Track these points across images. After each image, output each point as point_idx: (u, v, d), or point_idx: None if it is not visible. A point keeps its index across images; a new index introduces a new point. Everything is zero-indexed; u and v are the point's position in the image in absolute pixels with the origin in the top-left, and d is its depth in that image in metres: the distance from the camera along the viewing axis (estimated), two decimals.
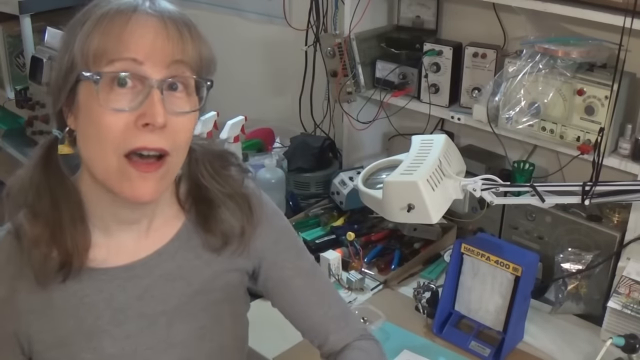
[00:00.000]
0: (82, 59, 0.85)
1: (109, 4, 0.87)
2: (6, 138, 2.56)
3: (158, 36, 0.85)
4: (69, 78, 0.87)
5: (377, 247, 1.84)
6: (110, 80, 0.85)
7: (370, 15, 1.93)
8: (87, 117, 0.87)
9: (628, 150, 1.53)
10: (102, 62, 0.84)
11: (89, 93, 0.86)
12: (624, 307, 1.42)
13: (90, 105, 0.86)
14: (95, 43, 0.84)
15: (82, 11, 0.89)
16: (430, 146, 1.33)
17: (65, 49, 0.88)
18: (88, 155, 0.90)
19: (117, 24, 0.84)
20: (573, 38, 1.57)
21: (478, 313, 1.50)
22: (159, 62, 0.85)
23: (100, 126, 0.85)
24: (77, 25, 0.87)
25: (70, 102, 0.89)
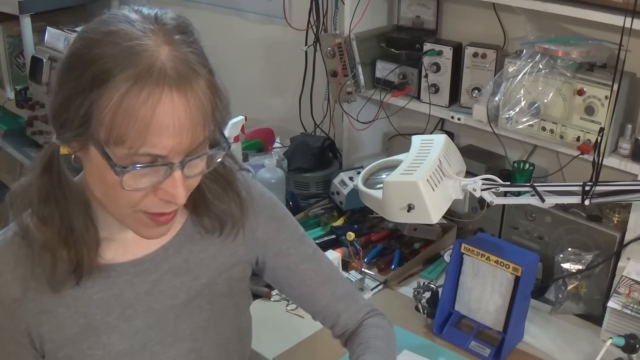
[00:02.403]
0: (102, 131, 0.81)
1: (147, 58, 0.80)
2: (6, 138, 2.56)
3: (182, 130, 0.81)
4: (79, 125, 0.82)
5: (377, 247, 1.84)
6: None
7: (370, 15, 1.93)
8: (100, 177, 0.85)
9: (628, 150, 1.53)
10: (124, 147, 0.81)
11: (99, 160, 0.83)
12: (624, 307, 1.42)
13: (106, 173, 0.83)
14: (119, 128, 0.80)
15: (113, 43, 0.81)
16: (430, 146, 1.33)
17: (81, 85, 0.81)
18: (99, 196, 0.89)
19: (142, 114, 0.79)
20: (573, 38, 1.57)
21: (478, 313, 1.50)
22: (182, 151, 0.84)
23: (116, 193, 0.85)
24: (103, 71, 0.80)
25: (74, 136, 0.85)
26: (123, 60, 0.79)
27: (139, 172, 0.82)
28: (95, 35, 0.82)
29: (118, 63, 0.79)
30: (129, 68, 0.79)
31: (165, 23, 0.84)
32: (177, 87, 0.80)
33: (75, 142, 0.86)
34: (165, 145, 0.81)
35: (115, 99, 0.79)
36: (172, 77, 0.80)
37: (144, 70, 0.79)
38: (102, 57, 0.80)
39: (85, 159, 0.87)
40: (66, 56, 0.85)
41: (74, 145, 0.86)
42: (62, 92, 0.84)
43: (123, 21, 0.83)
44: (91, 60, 0.80)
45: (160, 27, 0.83)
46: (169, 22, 0.84)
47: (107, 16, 0.85)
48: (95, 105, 0.80)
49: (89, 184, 0.90)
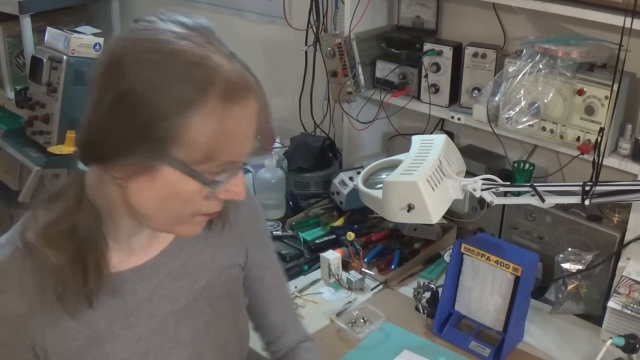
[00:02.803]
0: (189, 150, 0.80)
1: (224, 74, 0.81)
2: (6, 138, 2.55)
3: (254, 134, 0.87)
4: (153, 150, 0.80)
5: (377, 247, 1.84)
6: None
7: (370, 15, 1.93)
8: (167, 194, 0.85)
9: (628, 150, 1.53)
10: (215, 161, 0.83)
11: (176, 178, 0.83)
12: (624, 307, 1.41)
13: (180, 189, 0.84)
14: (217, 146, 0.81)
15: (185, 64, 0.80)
16: (430, 146, 1.33)
17: (160, 113, 0.79)
18: (149, 212, 0.87)
19: (241, 127, 0.83)
20: (573, 38, 1.57)
21: (478, 313, 1.50)
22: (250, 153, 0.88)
23: (185, 205, 0.87)
24: (186, 96, 0.79)
25: (135, 163, 0.82)
26: (203, 81, 0.80)
27: (224, 183, 0.86)
28: (155, 55, 0.80)
29: (201, 85, 0.79)
30: (213, 87, 0.80)
31: (209, 34, 0.86)
32: (256, 96, 0.85)
33: (133, 168, 0.83)
34: (247, 151, 0.86)
35: (214, 120, 0.80)
36: (252, 87, 0.85)
37: (229, 86, 0.81)
38: (180, 80, 0.79)
39: (135, 181, 0.84)
40: (126, 83, 0.79)
41: (130, 171, 0.83)
42: (125, 122, 0.80)
43: (174, 38, 0.82)
44: (167, 86, 0.79)
45: (209, 39, 0.85)
46: (212, 34, 0.86)
47: (151, 32, 0.83)
48: (183, 129, 0.79)
49: (135, 203, 0.86)
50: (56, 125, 2.36)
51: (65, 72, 2.31)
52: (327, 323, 1.53)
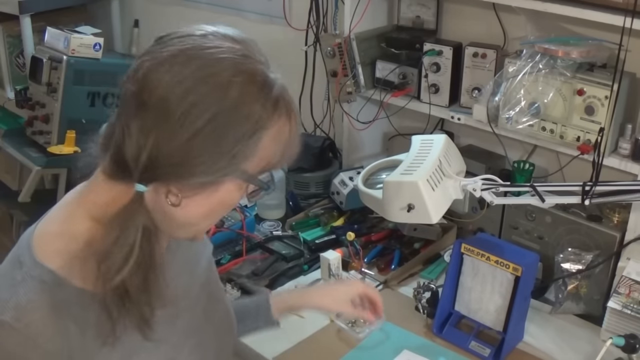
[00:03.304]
0: (254, 162, 0.85)
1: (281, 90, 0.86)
2: (6, 138, 2.56)
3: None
4: (226, 166, 0.83)
5: (377, 247, 1.84)
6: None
7: (370, 15, 1.93)
8: (218, 202, 0.87)
9: (628, 150, 1.53)
10: (265, 169, 0.88)
11: (235, 187, 0.87)
12: (624, 307, 1.41)
13: (233, 196, 0.88)
14: (281, 156, 0.88)
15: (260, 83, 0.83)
16: (430, 146, 1.33)
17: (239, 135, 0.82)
18: (191, 222, 0.89)
19: (296, 138, 0.89)
20: (573, 38, 1.57)
21: (478, 313, 1.50)
22: None
23: (226, 210, 0.91)
24: (261, 117, 0.83)
25: (199, 181, 0.83)
26: (273, 100, 0.84)
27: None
28: (226, 79, 0.81)
29: (272, 104, 0.84)
30: (279, 105, 0.85)
31: (254, 47, 0.88)
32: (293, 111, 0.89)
33: (203, 184, 0.84)
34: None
35: (284, 135, 0.86)
36: (292, 98, 0.89)
37: (287, 103, 0.86)
38: (258, 99, 0.83)
39: (197, 195, 0.85)
40: (209, 112, 0.80)
41: (196, 186, 0.84)
42: (202, 143, 0.81)
43: (232, 53, 0.84)
44: (242, 106, 0.82)
45: (257, 53, 0.88)
46: (256, 46, 0.89)
47: (205, 49, 0.83)
48: (258, 146, 0.83)
49: (180, 216, 0.86)
50: (56, 125, 2.36)
51: (65, 72, 2.32)
52: (327, 323, 1.53)
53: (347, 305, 1.37)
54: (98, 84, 2.42)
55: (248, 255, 1.81)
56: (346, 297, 1.38)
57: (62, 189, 2.46)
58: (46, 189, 2.95)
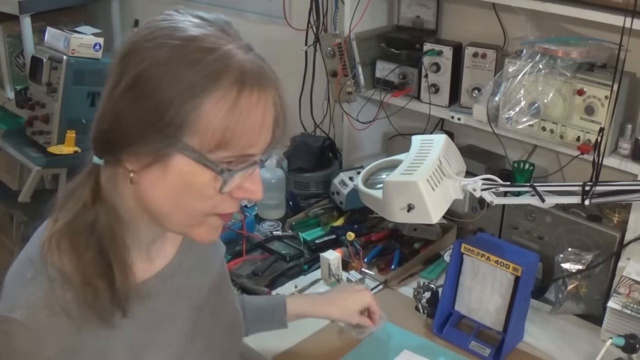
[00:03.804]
0: (202, 137, 0.79)
1: (240, 62, 0.80)
2: (6, 138, 2.56)
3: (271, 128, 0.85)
4: (165, 137, 0.79)
5: (377, 247, 1.84)
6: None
7: (370, 15, 1.93)
8: (179, 185, 0.82)
9: (628, 150, 1.53)
10: (228, 150, 0.81)
11: (189, 168, 0.81)
12: (624, 307, 1.41)
13: (193, 180, 0.82)
14: (230, 132, 0.79)
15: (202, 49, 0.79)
16: (430, 146, 1.33)
17: (173, 97, 0.78)
18: (164, 209, 0.85)
19: (255, 114, 0.81)
20: (573, 38, 1.57)
21: (478, 313, 1.50)
22: (264, 148, 0.86)
23: (199, 200, 0.84)
24: (199, 80, 0.78)
25: (147, 151, 0.81)
26: (218, 65, 0.79)
27: (238, 174, 0.83)
28: (173, 40, 0.79)
29: (216, 69, 0.78)
30: (228, 73, 0.79)
31: (226, 26, 0.85)
32: (274, 86, 0.84)
33: (146, 157, 0.81)
34: (262, 144, 0.84)
35: (226, 104, 0.78)
36: (268, 78, 0.83)
37: (245, 73, 0.80)
38: (195, 64, 0.78)
39: (148, 172, 0.82)
40: (143, 66, 0.79)
41: (143, 161, 0.81)
42: (137, 107, 0.79)
43: (191, 26, 0.81)
44: (183, 68, 0.78)
45: (226, 31, 0.84)
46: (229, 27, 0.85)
47: (169, 22, 0.82)
48: (195, 114, 0.78)
49: (148, 199, 0.84)
50: (56, 125, 2.36)
51: (65, 72, 2.31)
52: (327, 323, 1.53)
53: (356, 316, 1.38)
54: (98, 84, 2.40)
55: (248, 255, 1.81)
56: (356, 308, 1.40)
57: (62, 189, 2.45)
58: (46, 189, 2.95)
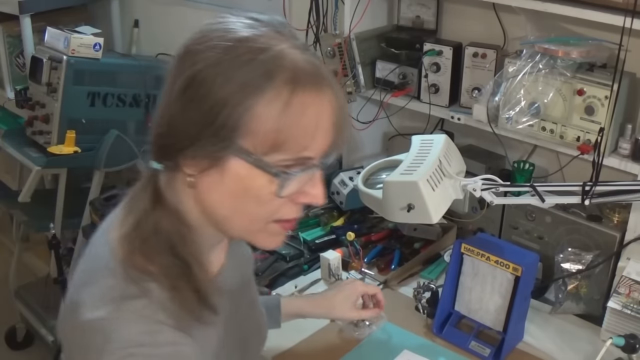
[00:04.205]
0: (255, 140, 0.77)
1: (293, 62, 0.79)
2: (6, 138, 2.56)
3: (332, 130, 0.83)
4: (220, 140, 0.78)
5: (377, 247, 1.84)
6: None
7: (370, 15, 1.93)
8: (237, 189, 0.81)
9: (628, 150, 1.53)
10: (283, 153, 0.79)
11: (246, 171, 0.79)
12: (624, 307, 1.42)
13: (250, 183, 0.80)
14: (284, 134, 0.77)
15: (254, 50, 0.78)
16: (430, 146, 1.33)
17: (225, 98, 0.77)
18: (224, 213, 0.84)
19: (309, 114, 0.78)
20: (573, 38, 1.57)
21: (478, 313, 1.50)
22: (324, 152, 0.84)
23: (258, 204, 0.82)
24: (252, 80, 0.77)
25: (203, 154, 0.80)
26: (270, 65, 0.77)
27: (295, 178, 0.80)
28: (225, 42, 0.79)
29: (268, 69, 0.77)
30: (281, 72, 0.77)
31: (280, 27, 0.84)
32: (329, 87, 0.81)
33: (203, 161, 0.80)
34: (320, 147, 0.81)
35: (279, 105, 0.77)
36: (324, 78, 0.81)
37: (298, 72, 0.78)
38: (247, 64, 0.77)
39: (206, 177, 0.81)
40: (195, 69, 0.79)
41: (200, 165, 0.80)
42: (191, 109, 0.78)
43: (244, 27, 0.81)
44: (234, 69, 0.77)
45: (280, 31, 0.83)
46: (284, 27, 0.84)
47: (222, 24, 0.82)
48: (248, 115, 0.76)
49: (208, 203, 0.84)
50: (56, 125, 2.36)
51: (65, 72, 2.32)
52: (327, 323, 1.53)
53: (352, 310, 1.39)
54: (98, 84, 2.43)
55: None
56: (348, 303, 1.40)
57: (62, 189, 2.46)
58: (46, 189, 2.95)
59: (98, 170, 2.43)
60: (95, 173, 2.45)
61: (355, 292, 1.42)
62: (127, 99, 2.55)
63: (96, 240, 0.91)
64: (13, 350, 2.90)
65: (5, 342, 2.90)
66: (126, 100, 2.55)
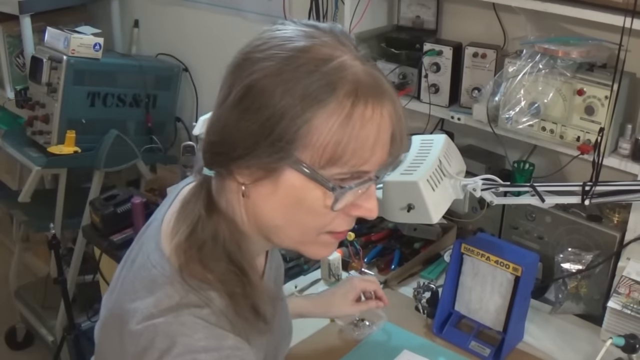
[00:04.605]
0: (313, 152, 0.77)
1: (355, 74, 0.78)
2: (6, 138, 2.56)
3: (388, 143, 0.81)
4: (276, 151, 0.77)
5: (377, 247, 1.84)
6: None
7: (370, 15, 1.93)
8: (291, 201, 0.80)
9: (628, 150, 1.53)
10: (339, 166, 0.78)
11: (300, 183, 0.79)
12: (624, 307, 1.42)
13: (304, 196, 0.79)
14: (342, 147, 0.76)
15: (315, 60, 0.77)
16: (430, 146, 1.33)
17: (284, 109, 0.75)
18: (275, 224, 0.84)
19: (369, 129, 0.77)
20: (573, 38, 1.57)
21: (478, 313, 1.50)
22: (380, 165, 0.82)
23: (311, 216, 0.82)
24: (313, 91, 0.75)
25: (258, 164, 0.79)
26: (332, 77, 0.76)
27: (351, 192, 0.80)
28: (285, 52, 0.78)
29: (329, 81, 0.76)
30: (342, 85, 0.76)
31: (342, 36, 0.82)
32: (391, 100, 0.80)
33: (257, 170, 0.79)
34: (378, 160, 0.80)
35: (339, 118, 0.76)
36: (385, 91, 0.80)
37: (359, 85, 0.77)
38: (308, 75, 0.76)
39: (260, 186, 0.81)
40: (253, 78, 0.78)
41: (254, 174, 0.80)
42: (248, 119, 0.77)
43: (305, 36, 0.79)
44: (294, 80, 0.76)
45: (341, 41, 0.81)
46: (346, 37, 0.82)
47: (281, 32, 0.81)
48: (307, 127, 0.75)
49: (261, 213, 0.83)
50: (56, 125, 2.36)
51: (65, 72, 2.32)
52: (327, 323, 1.53)
53: (352, 306, 1.38)
54: (98, 84, 2.43)
55: None
56: (347, 300, 1.39)
57: (62, 189, 2.46)
58: (46, 189, 2.95)
59: (98, 170, 2.43)
60: (95, 173, 2.45)
61: (354, 289, 1.42)
62: (127, 99, 2.55)
63: (145, 247, 0.89)
64: (13, 350, 2.90)
65: (5, 342, 2.90)
66: (126, 100, 2.55)
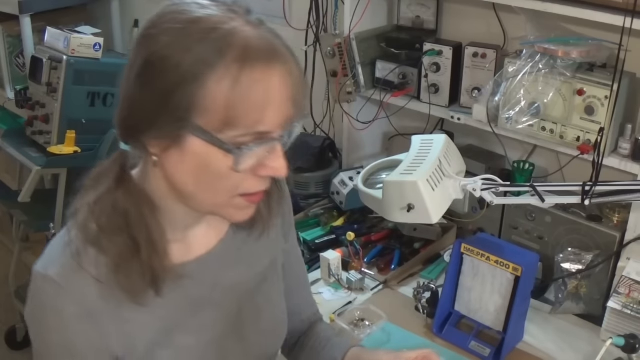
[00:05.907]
0: (209, 118, 0.80)
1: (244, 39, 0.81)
2: (6, 138, 2.56)
3: (288, 104, 0.84)
4: (176, 120, 0.81)
5: (377, 247, 1.84)
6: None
7: (370, 15, 1.93)
8: (198, 166, 0.84)
9: (628, 150, 1.53)
10: (237, 129, 0.81)
11: (202, 149, 0.82)
12: (624, 307, 1.42)
13: (208, 160, 0.83)
14: (235, 110, 0.79)
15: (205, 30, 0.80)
16: (430, 146, 1.33)
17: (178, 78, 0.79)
18: (189, 190, 0.87)
19: (258, 90, 0.80)
20: (573, 38, 1.57)
21: (478, 313, 1.50)
22: (282, 125, 0.85)
23: (218, 182, 0.85)
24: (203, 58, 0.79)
25: (163, 134, 0.83)
26: (220, 43, 0.79)
27: (250, 152, 0.82)
28: (177, 24, 0.81)
29: (218, 47, 0.79)
30: (230, 50, 0.79)
31: (234, 4, 0.85)
32: (282, 62, 0.83)
33: (163, 140, 0.83)
34: (274, 121, 0.83)
35: (228, 82, 0.79)
36: (277, 53, 0.83)
37: (248, 49, 0.80)
38: (198, 44, 0.79)
39: (169, 156, 0.84)
40: (149, 52, 0.81)
41: (162, 144, 0.84)
42: (148, 91, 0.81)
43: (198, 8, 0.82)
44: (186, 50, 0.79)
45: (233, 9, 0.84)
46: (238, 4, 0.86)
47: (177, 6, 0.84)
48: (200, 94, 0.79)
49: (174, 181, 0.87)
50: (56, 125, 2.36)
51: (65, 72, 2.32)
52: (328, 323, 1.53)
53: None
54: (98, 84, 2.43)
55: None
56: None
57: (62, 189, 2.46)
58: (46, 189, 2.95)
59: None
60: None
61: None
62: None
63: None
64: (13, 350, 2.90)
65: (5, 342, 2.90)
66: None
